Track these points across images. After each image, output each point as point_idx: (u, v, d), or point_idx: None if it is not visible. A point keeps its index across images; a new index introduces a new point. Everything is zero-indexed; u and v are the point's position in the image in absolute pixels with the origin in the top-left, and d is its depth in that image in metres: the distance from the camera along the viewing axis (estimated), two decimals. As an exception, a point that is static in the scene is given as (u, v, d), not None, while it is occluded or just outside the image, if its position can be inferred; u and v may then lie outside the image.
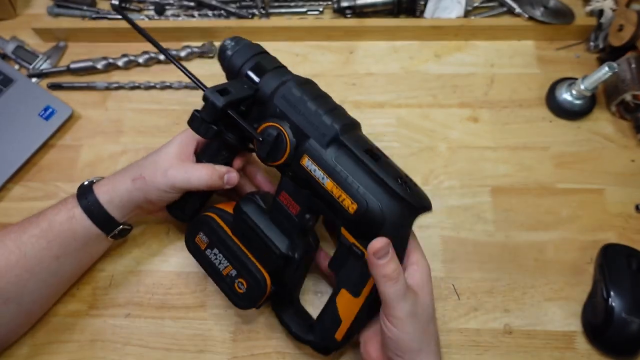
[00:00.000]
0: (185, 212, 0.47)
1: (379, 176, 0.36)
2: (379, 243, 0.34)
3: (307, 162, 0.38)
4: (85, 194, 0.43)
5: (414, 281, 0.37)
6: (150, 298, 0.49)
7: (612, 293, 0.45)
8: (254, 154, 0.44)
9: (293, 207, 0.40)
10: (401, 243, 0.37)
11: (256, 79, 0.41)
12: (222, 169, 0.43)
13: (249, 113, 0.42)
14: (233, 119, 0.40)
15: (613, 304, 0.44)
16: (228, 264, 0.42)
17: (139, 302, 0.49)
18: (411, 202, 0.36)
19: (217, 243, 0.42)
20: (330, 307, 0.41)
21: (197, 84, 0.42)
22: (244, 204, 0.42)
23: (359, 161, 0.37)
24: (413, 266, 0.38)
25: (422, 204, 0.37)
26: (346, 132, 0.38)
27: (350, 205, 0.37)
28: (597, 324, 0.45)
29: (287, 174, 0.41)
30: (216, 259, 0.42)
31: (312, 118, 0.38)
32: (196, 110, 0.41)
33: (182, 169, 0.42)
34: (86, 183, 0.45)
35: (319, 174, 0.38)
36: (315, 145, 0.38)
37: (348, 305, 0.40)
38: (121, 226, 0.45)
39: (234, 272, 0.42)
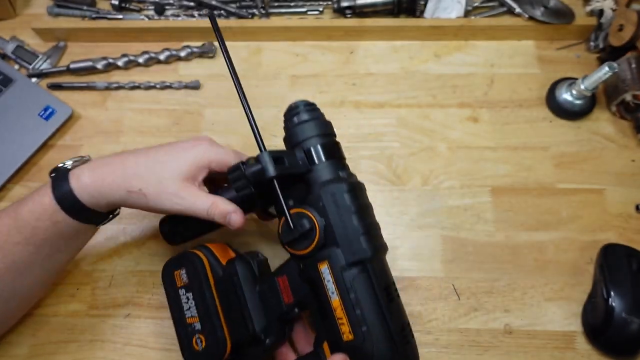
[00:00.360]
0: (176, 236, 0.44)
1: (386, 321, 0.35)
2: (338, 358, 0.34)
3: (324, 268, 0.36)
4: (64, 194, 0.38)
5: None
6: (150, 298, 0.49)
7: (612, 293, 0.45)
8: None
9: (287, 295, 0.38)
10: None
11: (316, 160, 0.38)
12: (228, 207, 0.39)
13: (290, 188, 0.39)
14: (274, 191, 0.37)
15: (613, 304, 0.44)
16: (196, 314, 0.39)
17: (139, 302, 0.49)
18: (403, 358, 0.35)
19: (194, 289, 0.40)
20: None
21: (257, 140, 0.39)
22: (239, 264, 0.40)
23: (374, 297, 0.35)
24: None
25: None
26: (374, 259, 0.36)
27: (346, 333, 0.35)
28: (597, 324, 0.45)
29: (297, 263, 0.38)
30: (186, 303, 0.40)
31: (350, 230, 0.36)
32: (242, 163, 0.38)
33: (190, 195, 0.39)
34: (60, 166, 0.41)
35: (330, 286, 0.36)
36: (341, 258, 0.35)
37: None
38: (110, 215, 0.42)
39: (197, 326, 0.39)
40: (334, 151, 0.40)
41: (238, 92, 0.40)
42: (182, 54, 0.61)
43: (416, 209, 0.53)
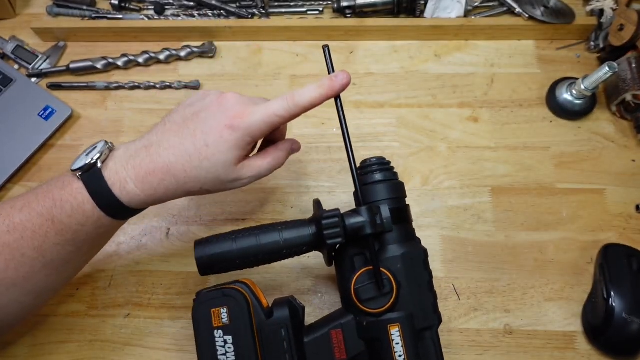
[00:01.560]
0: (214, 268, 0.38)
1: None
2: None
3: (395, 330, 0.36)
4: (112, 204, 0.36)
5: None
6: (150, 298, 0.49)
7: (612, 293, 0.45)
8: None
9: (340, 351, 0.37)
10: None
11: (394, 222, 0.38)
12: (285, 146, 0.42)
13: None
14: (363, 245, 0.37)
15: (613, 304, 0.44)
16: (233, 358, 0.36)
17: (139, 303, 0.49)
18: None
19: (235, 332, 0.36)
20: None
21: (358, 193, 0.38)
22: (291, 312, 0.37)
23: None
24: None
25: None
26: (438, 326, 0.38)
27: None
28: (597, 324, 0.45)
29: (358, 319, 0.37)
30: (222, 347, 0.36)
31: (424, 298, 0.37)
32: (339, 211, 0.37)
33: (251, 170, 0.39)
34: (91, 164, 0.37)
35: (399, 349, 0.35)
36: (412, 323, 0.36)
37: None
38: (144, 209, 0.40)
39: None
40: (407, 215, 0.41)
41: (347, 152, 0.39)
42: (182, 53, 0.61)
43: (416, 209, 0.53)
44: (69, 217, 0.36)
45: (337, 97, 0.38)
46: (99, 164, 0.37)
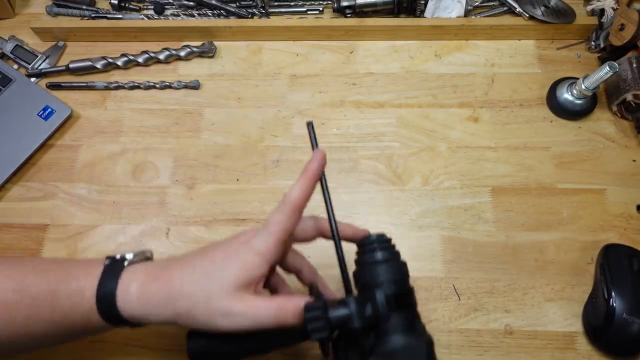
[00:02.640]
0: (207, 357, 0.36)
1: None
2: None
3: None
4: (106, 300, 0.34)
5: None
6: (150, 298, 0.49)
7: (613, 293, 0.45)
8: None
9: None
10: None
11: (393, 309, 0.34)
12: (298, 301, 0.32)
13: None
14: (351, 339, 0.34)
15: (614, 304, 0.44)
16: None
17: (139, 303, 0.49)
18: None
19: None
20: None
21: (346, 282, 0.35)
22: None
23: None
24: None
25: None
26: None
27: None
28: (598, 324, 0.45)
29: None
30: None
31: None
32: (324, 301, 0.33)
33: (247, 308, 0.32)
34: (117, 259, 0.36)
35: None
36: None
37: None
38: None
39: None
40: (409, 299, 0.36)
41: (333, 233, 0.36)
42: (182, 53, 0.61)
43: (416, 209, 0.52)
44: (68, 297, 0.35)
45: (321, 178, 0.36)
46: (128, 261, 0.36)
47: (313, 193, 0.35)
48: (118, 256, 0.36)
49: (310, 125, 0.36)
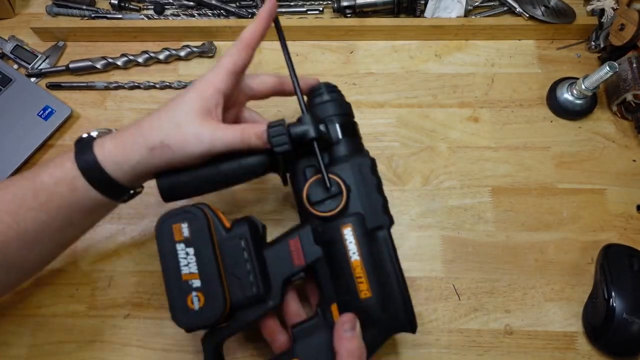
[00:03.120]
0: (175, 191, 0.41)
1: (402, 282, 0.38)
2: (348, 317, 0.36)
3: (347, 230, 0.38)
4: (87, 161, 0.36)
5: None
6: (150, 298, 0.49)
7: (613, 293, 0.45)
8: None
9: (298, 258, 0.39)
10: (377, 345, 0.38)
11: (341, 134, 0.41)
12: (260, 126, 0.38)
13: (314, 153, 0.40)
14: (308, 152, 0.39)
15: (614, 304, 0.44)
16: (196, 271, 0.37)
17: (139, 303, 0.49)
18: (411, 320, 0.38)
19: (196, 244, 0.37)
20: None
21: (300, 101, 0.41)
22: (250, 226, 0.40)
23: (391, 260, 0.38)
24: None
25: (414, 326, 0.38)
26: (390, 228, 0.39)
27: (364, 291, 0.37)
28: (598, 324, 0.45)
29: (312, 226, 0.39)
30: (184, 258, 0.37)
31: (373, 200, 0.39)
32: (284, 121, 0.39)
33: (217, 132, 0.37)
34: (85, 137, 0.39)
35: (352, 247, 0.37)
36: (364, 223, 0.38)
37: None
38: (132, 191, 0.40)
39: (196, 283, 0.37)
40: (355, 130, 0.43)
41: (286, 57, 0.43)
42: (182, 53, 0.61)
43: (416, 209, 0.52)
44: (49, 174, 0.36)
45: (275, 22, 0.43)
46: (95, 135, 0.39)
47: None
48: (84, 135, 0.40)
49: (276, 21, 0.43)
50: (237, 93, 0.42)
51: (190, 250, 0.37)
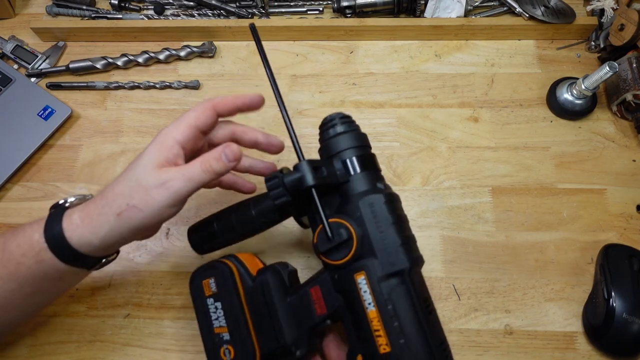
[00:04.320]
0: (204, 245, 0.43)
1: (425, 333, 0.33)
2: None
3: (361, 279, 0.35)
4: (54, 234, 0.35)
5: None
6: (150, 298, 0.49)
7: (613, 293, 0.45)
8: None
9: (320, 306, 0.37)
10: None
11: (352, 171, 0.38)
12: (217, 150, 0.36)
13: (326, 197, 0.38)
14: (310, 200, 0.37)
15: (614, 304, 0.44)
16: (225, 324, 0.38)
17: (139, 303, 0.49)
18: None
19: (223, 298, 0.39)
20: None
21: (296, 149, 0.38)
22: (270, 274, 0.39)
23: (413, 308, 0.34)
24: None
25: None
26: (412, 270, 0.35)
27: (383, 345, 0.33)
28: (598, 324, 0.45)
29: (331, 273, 0.37)
30: (214, 312, 0.39)
31: (388, 241, 0.35)
32: (280, 172, 0.37)
33: (178, 172, 0.35)
34: (60, 203, 0.39)
35: (367, 297, 0.34)
36: (379, 268, 0.34)
37: None
38: (104, 260, 0.39)
39: (226, 336, 0.38)
40: (370, 163, 0.39)
41: (279, 104, 0.39)
42: (182, 53, 0.61)
43: (416, 209, 0.52)
44: (18, 245, 0.36)
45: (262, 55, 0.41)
46: (69, 203, 0.38)
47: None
48: (60, 201, 0.39)
49: (252, 29, 0.41)
50: (202, 147, 0.41)
51: (219, 305, 0.39)
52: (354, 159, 0.38)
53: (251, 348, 0.38)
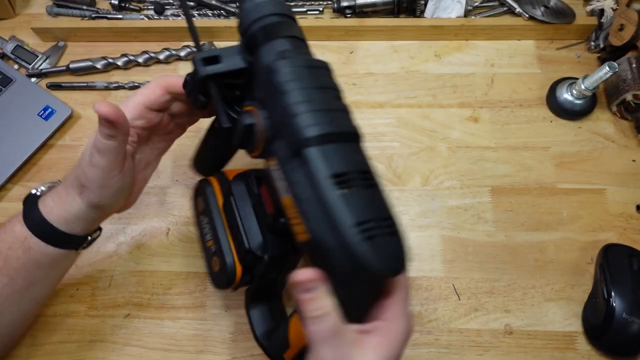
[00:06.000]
0: (204, 166, 0.46)
1: (333, 215, 0.27)
2: (303, 275, 0.27)
3: (273, 165, 0.31)
4: (35, 219, 0.37)
5: (371, 336, 0.29)
6: (150, 298, 0.49)
7: (613, 293, 0.45)
8: None
9: (269, 205, 0.35)
10: (366, 294, 0.29)
11: (258, 45, 0.32)
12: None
13: (248, 87, 0.34)
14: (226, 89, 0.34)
15: (614, 304, 0.44)
16: (211, 237, 0.39)
17: (139, 303, 0.49)
18: (364, 260, 0.26)
19: (208, 213, 0.40)
20: (281, 328, 0.37)
21: (196, 43, 0.35)
22: (235, 183, 0.39)
23: (316, 187, 0.28)
24: (380, 322, 0.30)
25: (382, 267, 0.27)
26: (323, 143, 0.28)
27: (301, 234, 0.29)
28: (597, 324, 0.45)
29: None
30: (204, 228, 0.40)
31: (290, 113, 0.29)
32: (188, 75, 0.35)
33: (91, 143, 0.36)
34: (32, 193, 0.40)
35: (280, 184, 0.30)
36: (285, 150, 0.29)
37: (299, 332, 0.33)
38: (89, 237, 0.40)
39: (213, 248, 0.39)
40: (278, 30, 0.32)
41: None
42: (182, 53, 0.61)
43: (416, 209, 0.53)
44: (1, 240, 0.37)
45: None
46: (39, 192, 0.40)
47: None
48: (33, 191, 0.40)
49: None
50: (163, 125, 0.41)
51: (206, 220, 0.40)
52: (262, 29, 0.32)
53: (230, 257, 0.38)
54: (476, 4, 0.62)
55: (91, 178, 0.35)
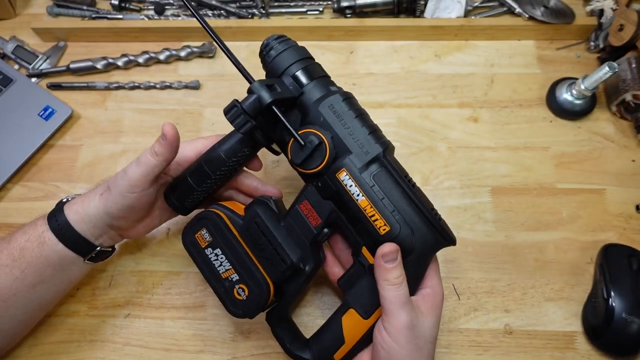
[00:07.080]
0: (185, 202, 0.43)
1: (415, 203, 0.37)
2: (389, 247, 0.35)
3: (343, 176, 0.37)
4: (55, 215, 0.40)
5: (423, 302, 0.37)
6: (150, 298, 0.49)
7: (612, 293, 0.45)
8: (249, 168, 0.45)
9: (314, 218, 0.39)
10: (422, 269, 0.38)
11: (304, 82, 0.39)
12: (160, 141, 0.38)
13: (287, 115, 0.39)
14: (274, 117, 0.38)
15: (613, 304, 0.44)
16: (230, 267, 0.40)
17: (139, 303, 0.49)
18: (442, 234, 0.37)
19: (220, 243, 0.40)
20: (334, 326, 0.39)
21: (244, 74, 0.40)
22: (258, 206, 0.40)
23: (397, 184, 0.37)
24: (427, 289, 0.38)
25: (450, 238, 0.38)
26: (386, 154, 0.38)
27: (382, 227, 0.36)
28: (597, 324, 0.45)
29: (313, 184, 0.39)
30: (216, 260, 0.40)
31: (357, 134, 0.38)
32: (237, 100, 0.38)
33: (134, 160, 0.39)
34: (64, 200, 0.43)
35: (354, 190, 0.37)
36: (356, 161, 0.37)
37: (355, 326, 0.39)
38: (98, 248, 0.42)
39: (235, 277, 0.39)
40: (318, 71, 0.41)
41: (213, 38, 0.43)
42: (182, 53, 0.61)
43: (416, 209, 0.53)
44: (23, 232, 0.40)
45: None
46: (69, 199, 0.42)
47: None
48: (64, 199, 0.43)
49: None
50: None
51: (218, 251, 0.40)
52: (302, 71, 0.40)
53: (262, 279, 0.39)
54: (476, 4, 0.62)
55: (118, 183, 0.39)
